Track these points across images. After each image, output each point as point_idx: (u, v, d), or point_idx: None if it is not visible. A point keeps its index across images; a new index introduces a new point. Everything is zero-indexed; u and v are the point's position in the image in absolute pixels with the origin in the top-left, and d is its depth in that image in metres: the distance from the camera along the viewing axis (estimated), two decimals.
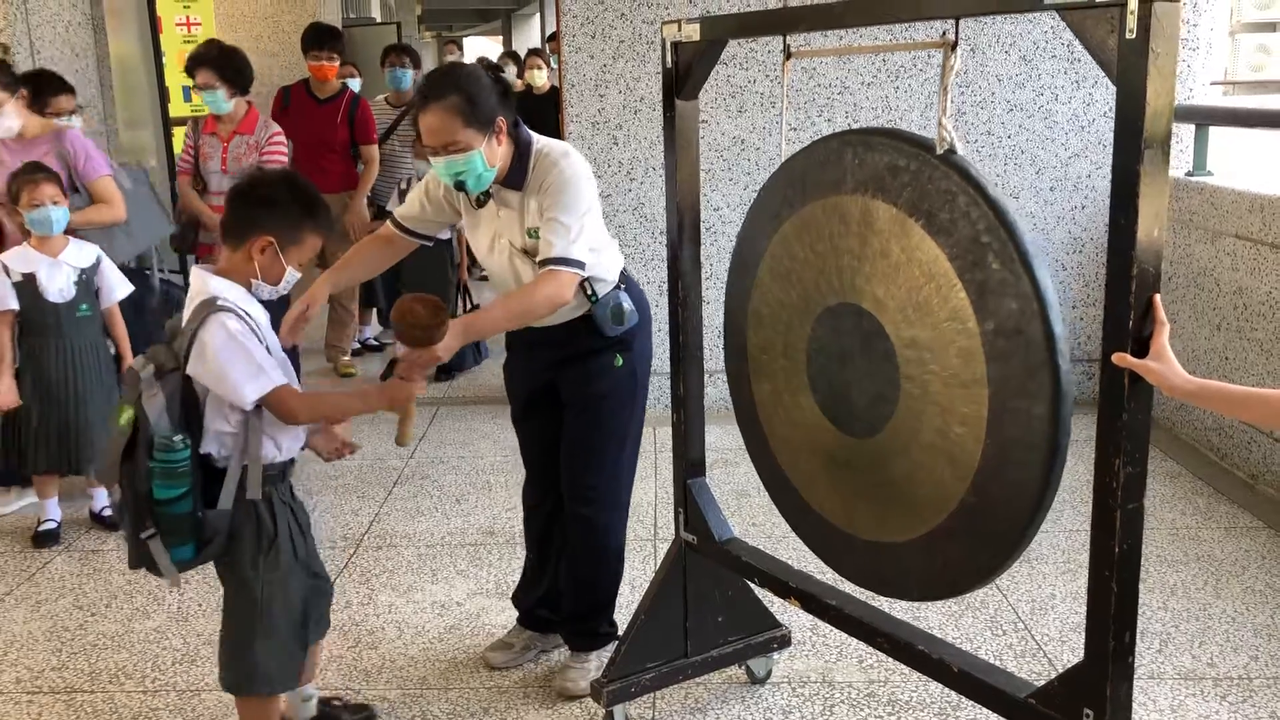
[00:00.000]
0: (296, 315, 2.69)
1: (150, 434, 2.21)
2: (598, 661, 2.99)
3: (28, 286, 3.91)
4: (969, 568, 2.14)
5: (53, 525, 4.09)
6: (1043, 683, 2.05)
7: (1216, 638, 3.21)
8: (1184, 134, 4.99)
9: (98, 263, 4.06)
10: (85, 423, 4.00)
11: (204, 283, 2.34)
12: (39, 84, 4.53)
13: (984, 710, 2.19)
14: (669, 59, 2.61)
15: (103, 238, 4.26)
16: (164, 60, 6.45)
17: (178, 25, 7.24)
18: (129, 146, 6.71)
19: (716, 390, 5.11)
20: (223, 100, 4.84)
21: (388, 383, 2.44)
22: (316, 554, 2.59)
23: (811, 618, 2.83)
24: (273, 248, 2.36)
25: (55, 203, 3.91)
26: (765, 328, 2.53)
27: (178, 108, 6.82)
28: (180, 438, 2.22)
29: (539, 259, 2.66)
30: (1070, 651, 3.14)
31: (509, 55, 12.95)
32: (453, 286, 6.09)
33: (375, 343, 6.92)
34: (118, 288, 4.13)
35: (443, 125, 2.59)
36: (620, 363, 2.87)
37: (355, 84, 7.51)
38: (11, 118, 4.23)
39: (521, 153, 2.72)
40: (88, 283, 4.01)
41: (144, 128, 6.98)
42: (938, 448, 2.10)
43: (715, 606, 2.89)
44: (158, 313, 4.73)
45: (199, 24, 7.29)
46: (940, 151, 2.02)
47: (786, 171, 2.43)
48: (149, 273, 4.82)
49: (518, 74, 9.95)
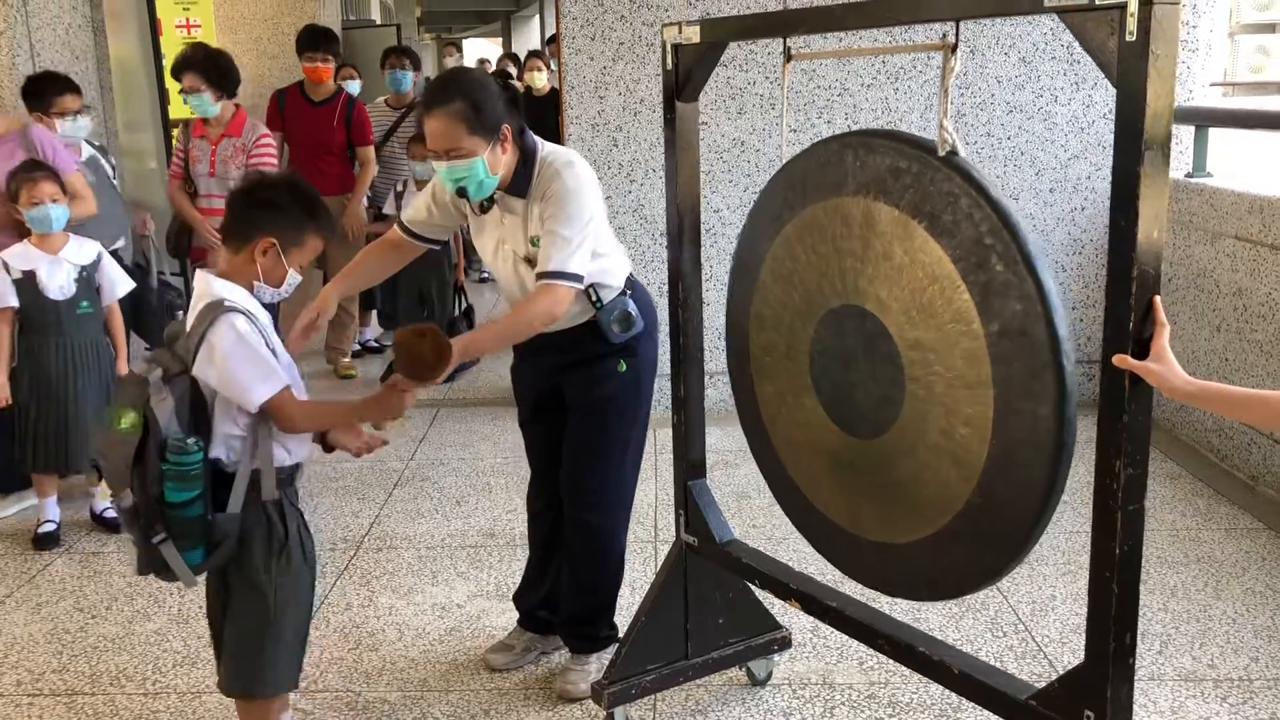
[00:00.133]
0: (306, 323, 2.69)
1: (162, 437, 2.20)
2: (598, 663, 2.99)
3: (28, 284, 3.91)
4: (975, 568, 2.14)
5: (52, 527, 4.09)
6: (1043, 684, 2.05)
7: (1217, 639, 3.21)
8: (1183, 135, 4.99)
9: (98, 260, 4.06)
10: (83, 421, 4.00)
11: (208, 285, 2.33)
12: (42, 84, 4.52)
13: (985, 712, 2.19)
14: (669, 61, 2.61)
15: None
16: (164, 63, 6.46)
17: (178, 27, 7.24)
18: (129, 149, 6.71)
19: (717, 392, 5.12)
20: (209, 103, 4.84)
21: (382, 396, 2.41)
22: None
23: (812, 619, 2.83)
24: (275, 250, 2.35)
25: (54, 200, 3.92)
26: (768, 329, 2.52)
27: (178, 110, 6.80)
28: (193, 440, 2.21)
29: (536, 272, 2.65)
30: (1071, 653, 3.14)
31: (508, 57, 12.95)
32: (450, 288, 6.09)
33: (375, 344, 6.92)
34: (119, 284, 4.14)
35: (446, 131, 2.58)
36: (625, 368, 2.87)
37: (355, 86, 7.51)
38: None
39: (526, 160, 2.71)
40: (88, 280, 4.01)
41: (144, 130, 6.99)
42: (943, 449, 2.10)
43: (716, 608, 2.89)
44: (156, 310, 4.72)
45: (199, 26, 7.30)
46: (942, 153, 2.02)
47: (787, 174, 2.43)
48: (147, 268, 4.80)
49: (517, 76, 9.97)
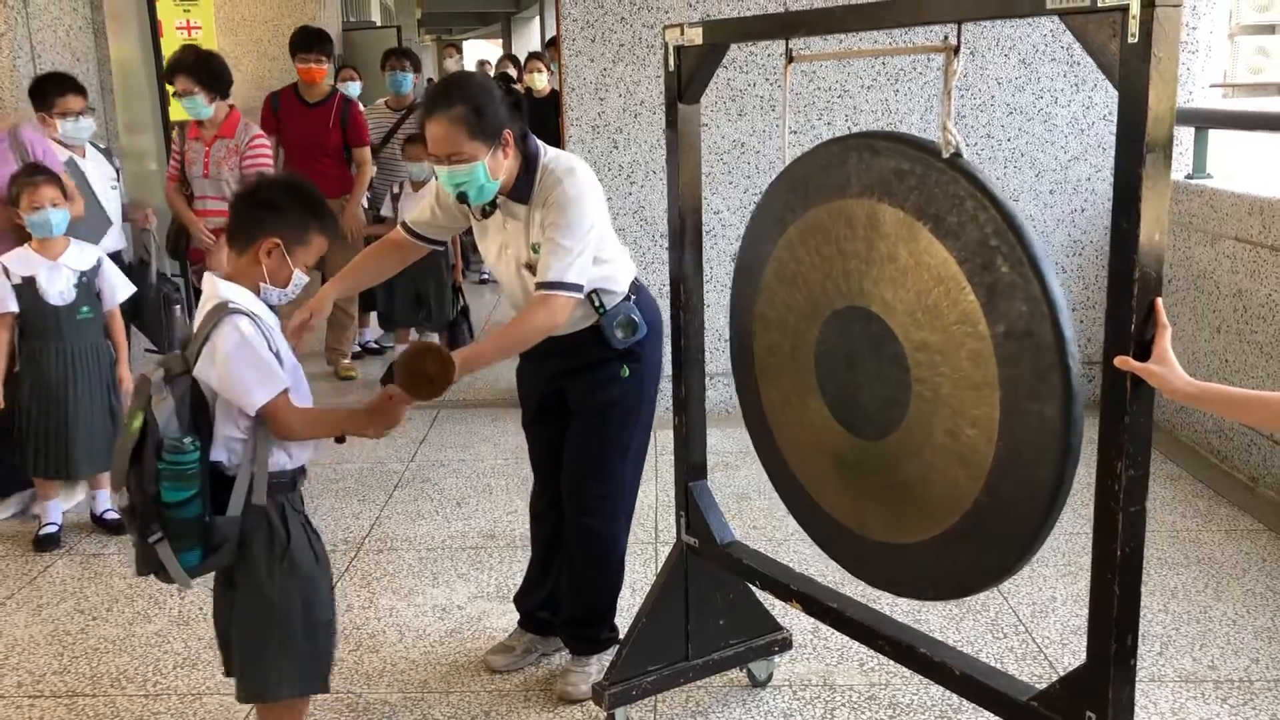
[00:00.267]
0: (298, 324, 2.68)
1: (159, 437, 2.19)
2: (599, 665, 2.99)
3: (28, 289, 3.91)
4: (981, 568, 2.15)
5: (53, 529, 4.08)
6: (1044, 686, 2.05)
7: (1217, 640, 3.21)
8: (1184, 137, 5.00)
9: (98, 265, 4.06)
10: (83, 426, 4.00)
11: (214, 287, 2.33)
12: (46, 84, 4.52)
13: (985, 713, 2.19)
14: (671, 63, 2.61)
15: None
16: (164, 64, 6.44)
17: (178, 29, 7.23)
18: (129, 150, 6.71)
19: (717, 393, 5.12)
20: (202, 105, 4.84)
21: (380, 405, 2.38)
22: None
23: (813, 621, 2.83)
24: (280, 250, 2.34)
25: (55, 205, 3.91)
26: (772, 330, 2.53)
27: (178, 112, 6.78)
28: (190, 440, 2.20)
29: (535, 281, 2.64)
30: (1071, 654, 3.14)
31: (508, 58, 12.94)
32: (448, 289, 6.08)
33: (375, 345, 6.91)
34: (120, 288, 4.13)
35: (447, 135, 2.57)
36: (628, 373, 2.86)
37: (355, 88, 7.52)
38: None
39: (529, 165, 2.69)
40: (88, 285, 4.01)
41: (144, 132, 6.99)
42: (949, 449, 2.10)
43: (716, 610, 2.89)
44: (154, 304, 4.70)
45: (199, 28, 7.29)
46: (947, 155, 2.03)
47: (789, 176, 2.43)
48: (148, 262, 4.78)
49: (517, 78, 9.96)
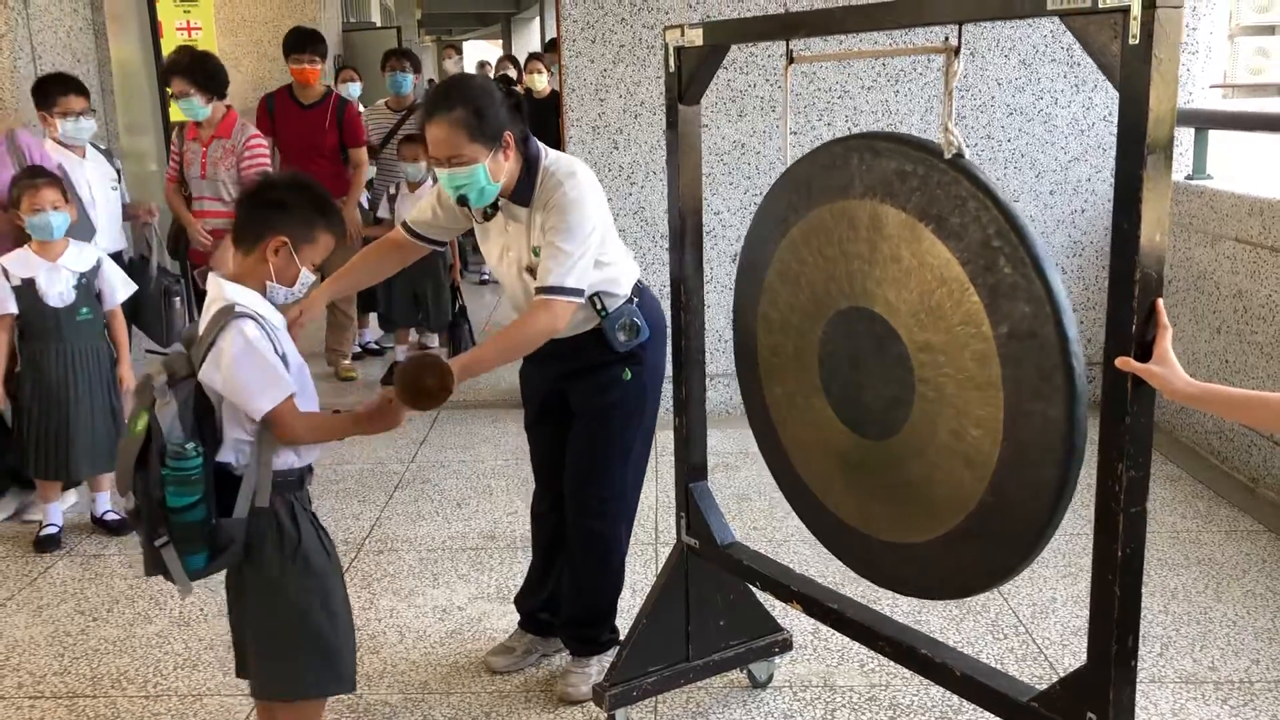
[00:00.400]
0: (289, 321, 2.67)
1: (163, 441, 2.19)
2: (599, 666, 2.99)
3: (27, 291, 3.91)
4: (986, 568, 2.15)
5: (54, 530, 4.08)
6: (1044, 686, 2.05)
7: (1218, 641, 3.21)
8: (1184, 137, 5.00)
9: (98, 266, 4.06)
10: (83, 427, 4.00)
11: (220, 289, 2.31)
12: (48, 84, 4.51)
13: (985, 714, 2.19)
14: (672, 64, 2.61)
15: None
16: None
17: (178, 30, 7.24)
18: (130, 151, 6.71)
19: (718, 394, 5.12)
20: (199, 106, 4.85)
21: (381, 409, 2.37)
22: None
23: (813, 622, 2.83)
24: (287, 248, 2.32)
25: (56, 208, 3.91)
26: (775, 331, 2.53)
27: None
28: (192, 445, 2.19)
29: (535, 286, 2.63)
30: (1071, 655, 3.14)
31: (508, 59, 12.93)
32: (446, 289, 6.07)
33: (375, 346, 6.91)
34: (120, 288, 4.13)
35: (448, 137, 2.57)
36: (630, 376, 2.85)
37: (356, 88, 7.52)
38: None
39: (530, 168, 2.68)
40: (88, 286, 4.01)
41: (145, 133, 6.99)
42: (954, 450, 2.11)
43: (717, 610, 2.89)
44: (154, 298, 4.69)
45: (199, 29, 7.30)
46: (949, 156, 2.03)
47: (791, 177, 2.44)
48: (148, 258, 4.78)
49: (517, 78, 9.96)
